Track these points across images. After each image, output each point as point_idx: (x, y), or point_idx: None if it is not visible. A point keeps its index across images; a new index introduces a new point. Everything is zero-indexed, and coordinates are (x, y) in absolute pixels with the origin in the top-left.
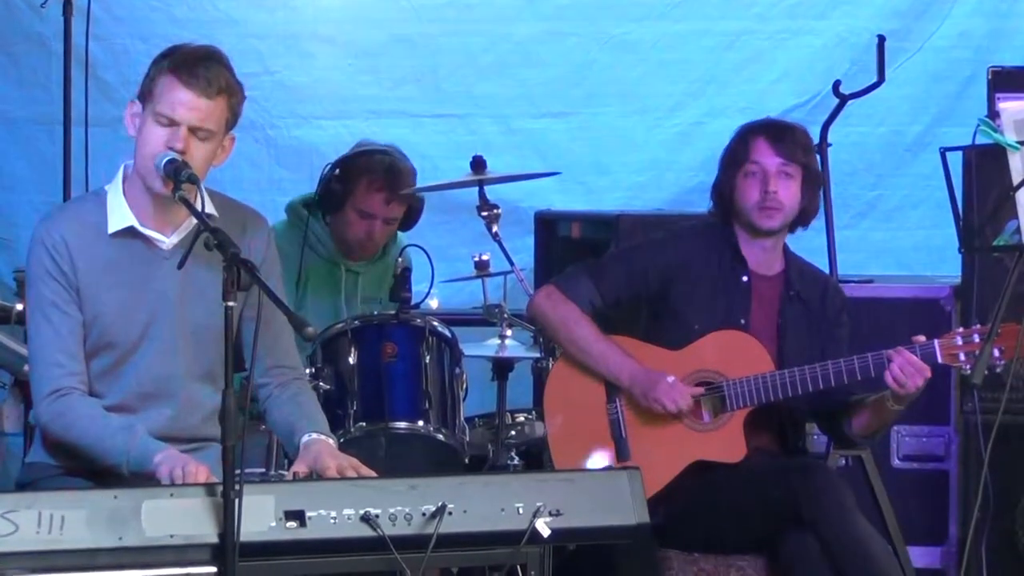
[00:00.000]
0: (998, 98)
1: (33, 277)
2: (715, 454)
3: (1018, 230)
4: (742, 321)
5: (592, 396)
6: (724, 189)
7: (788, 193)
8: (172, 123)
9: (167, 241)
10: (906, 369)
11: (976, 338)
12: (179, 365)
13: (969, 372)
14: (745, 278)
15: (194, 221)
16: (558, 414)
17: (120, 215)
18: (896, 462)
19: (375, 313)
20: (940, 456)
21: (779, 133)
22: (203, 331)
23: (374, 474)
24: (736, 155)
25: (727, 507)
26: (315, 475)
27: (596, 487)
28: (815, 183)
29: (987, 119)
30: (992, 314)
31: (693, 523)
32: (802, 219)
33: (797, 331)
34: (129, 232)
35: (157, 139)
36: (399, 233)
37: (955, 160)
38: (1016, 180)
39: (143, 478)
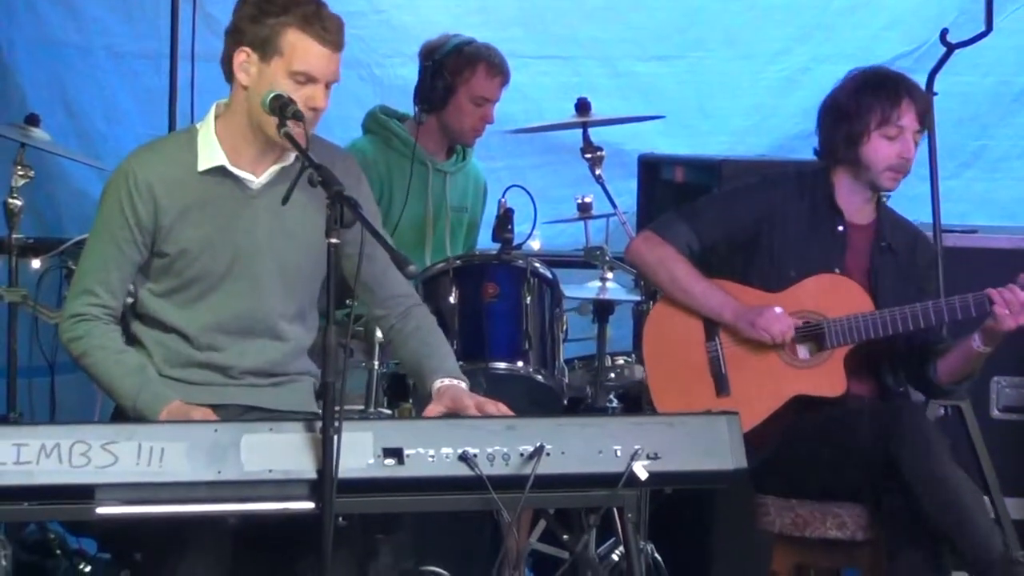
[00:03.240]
0: None
1: (106, 202)
2: (815, 389)
3: None
4: (836, 270)
5: (691, 334)
6: (855, 137)
7: (913, 156)
8: (310, 80)
9: (256, 181)
10: (1013, 305)
11: None
12: (267, 303)
13: None
14: (840, 228)
15: (285, 163)
16: (657, 353)
17: (210, 153)
18: (995, 413)
19: (476, 252)
20: None
21: (919, 96)
22: (293, 270)
23: (511, 412)
24: (881, 110)
25: (821, 454)
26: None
27: (694, 431)
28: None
29: None
30: None
31: (789, 470)
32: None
33: (889, 280)
34: (219, 171)
35: (298, 98)
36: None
37: None
38: None
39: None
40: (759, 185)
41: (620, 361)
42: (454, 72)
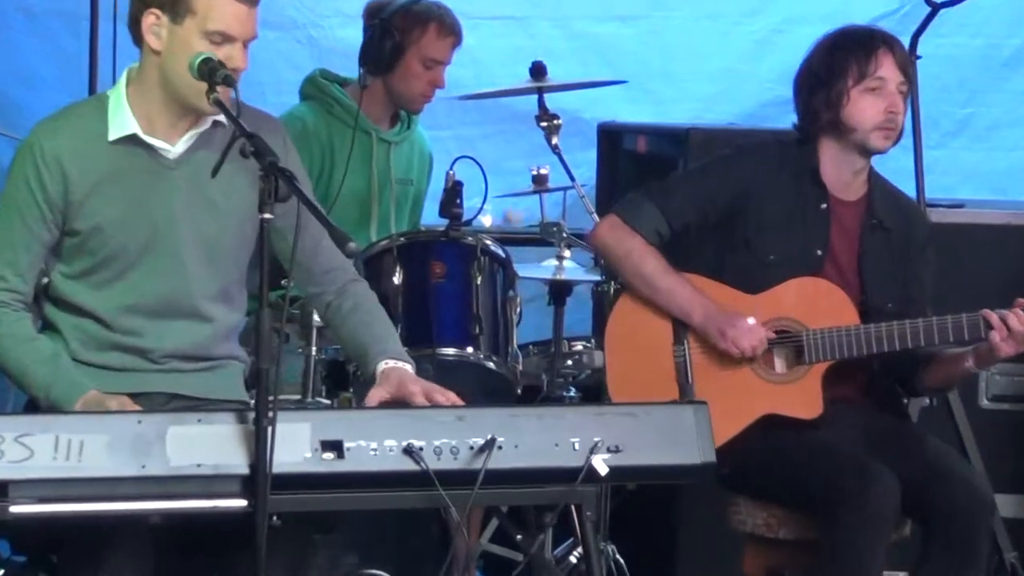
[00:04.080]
0: None
1: (12, 179)
2: (788, 408)
3: None
4: (818, 252)
5: (657, 337)
6: (834, 99)
7: (903, 112)
8: (228, 39)
9: (172, 150)
10: (1017, 334)
11: None
12: (188, 282)
13: None
14: (824, 205)
15: (202, 128)
16: (620, 354)
17: (122, 122)
18: (985, 403)
19: (422, 229)
20: None
21: (897, 45)
22: (216, 246)
23: (461, 402)
24: (856, 65)
25: (789, 476)
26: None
27: (659, 422)
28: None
29: None
30: None
31: (758, 479)
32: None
33: (879, 262)
34: (131, 140)
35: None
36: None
37: None
38: None
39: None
40: (733, 157)
41: (578, 347)
42: (403, 31)
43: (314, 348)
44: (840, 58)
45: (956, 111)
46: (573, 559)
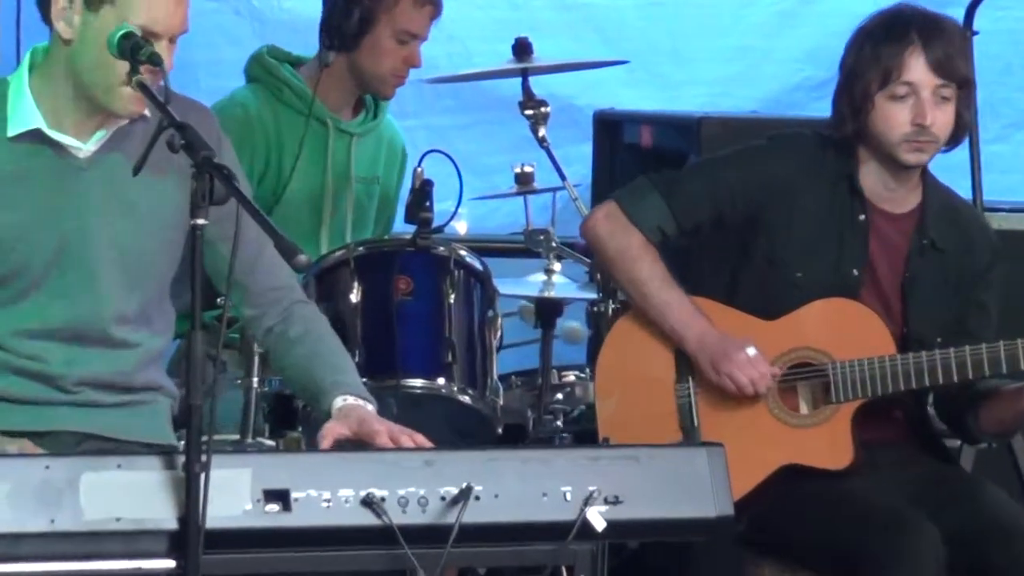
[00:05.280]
0: None
1: None
2: (812, 457)
3: None
4: (855, 272)
5: (659, 369)
6: (858, 104)
7: (944, 121)
8: (151, 35)
9: (84, 148)
10: None
11: None
12: (104, 301)
13: None
14: (863, 216)
15: (120, 123)
16: (612, 390)
17: (23, 115)
18: None
19: (384, 238)
20: None
21: (937, 40)
22: (136, 259)
23: (430, 444)
24: (882, 66)
25: (816, 533)
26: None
27: (666, 468)
28: (971, 94)
29: None
30: None
31: (780, 537)
32: (952, 140)
33: (928, 290)
34: (35, 136)
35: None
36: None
37: None
38: None
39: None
40: (764, 149)
41: (570, 377)
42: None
43: (256, 379)
44: (865, 55)
45: (1020, 97)
46: None
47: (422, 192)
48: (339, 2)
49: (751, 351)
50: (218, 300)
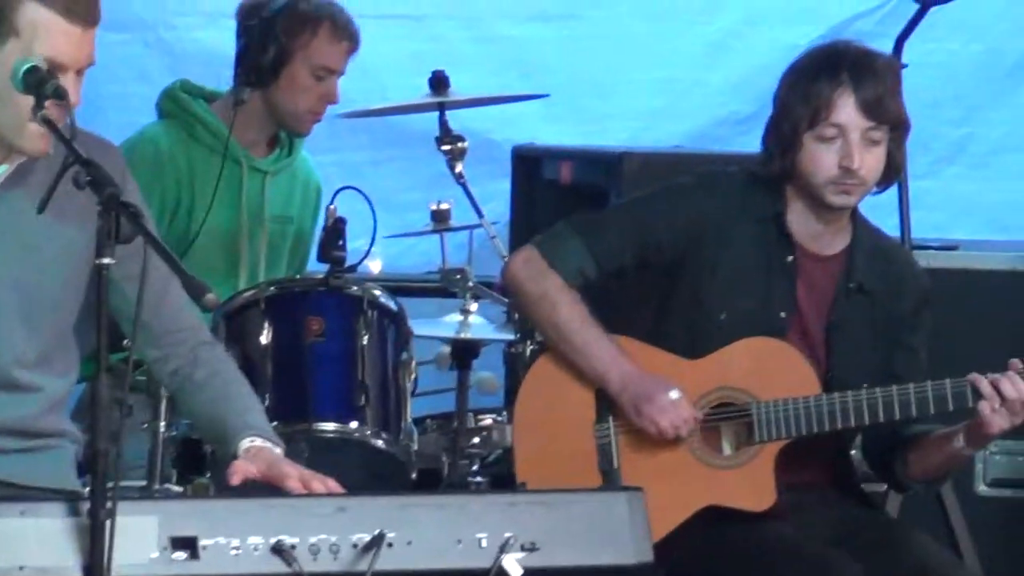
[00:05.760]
0: None
1: None
2: (733, 498)
3: None
4: (781, 314)
5: (577, 410)
6: (787, 142)
7: (873, 164)
8: (57, 68)
9: None
10: (1012, 403)
11: None
12: (3, 343)
13: None
14: (790, 257)
15: (19, 160)
16: (531, 432)
17: None
18: (982, 488)
19: (296, 277)
20: None
21: (868, 81)
22: (37, 300)
23: (342, 489)
24: (811, 105)
25: (757, 563)
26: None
27: (585, 514)
28: (905, 134)
29: None
30: None
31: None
32: (883, 181)
33: (854, 333)
34: None
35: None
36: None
37: None
38: None
39: None
40: (689, 189)
41: (487, 421)
42: (288, 34)
43: (163, 423)
44: (795, 92)
45: (950, 131)
46: None
47: (335, 230)
48: (254, 38)
49: (674, 394)
50: (124, 342)
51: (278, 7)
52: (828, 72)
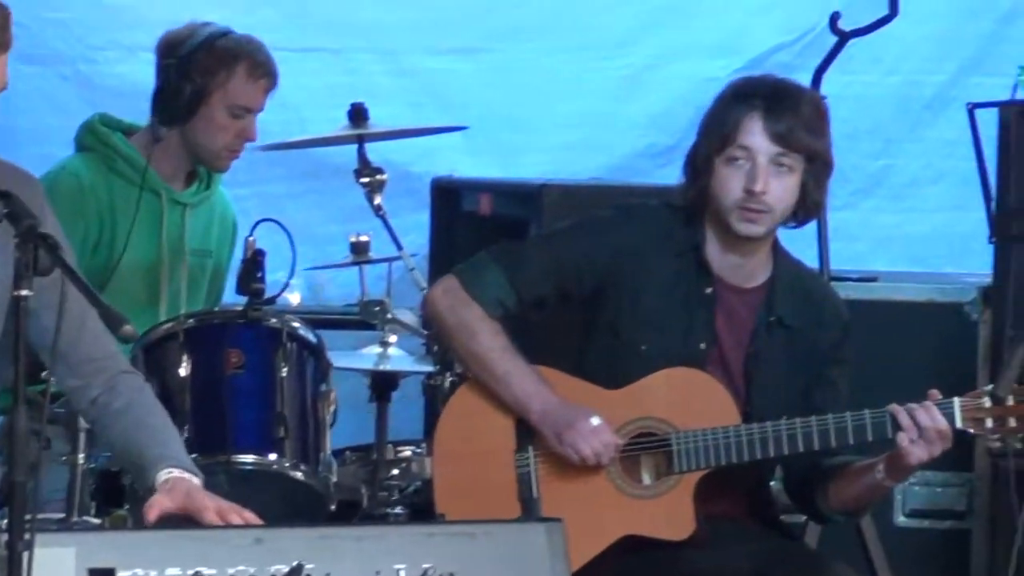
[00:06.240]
0: None
1: None
2: (652, 527)
3: None
4: (701, 346)
5: (497, 440)
6: (700, 167)
7: (781, 191)
8: None
9: None
10: (927, 431)
11: (1011, 401)
12: None
13: (998, 445)
14: (709, 289)
15: None
16: (451, 462)
17: None
18: (901, 519)
19: (215, 309)
20: (960, 512)
21: (781, 107)
22: None
23: (261, 521)
24: (721, 129)
25: None
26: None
27: (504, 545)
28: (825, 171)
29: None
30: None
31: None
32: (800, 216)
33: (773, 366)
34: None
35: None
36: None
37: (988, 120)
38: None
39: None
40: (610, 221)
41: (406, 452)
42: (205, 73)
43: (81, 456)
44: (711, 118)
45: (868, 164)
46: None
47: (254, 262)
48: (172, 75)
49: (595, 421)
50: (43, 374)
51: (195, 45)
52: (742, 98)
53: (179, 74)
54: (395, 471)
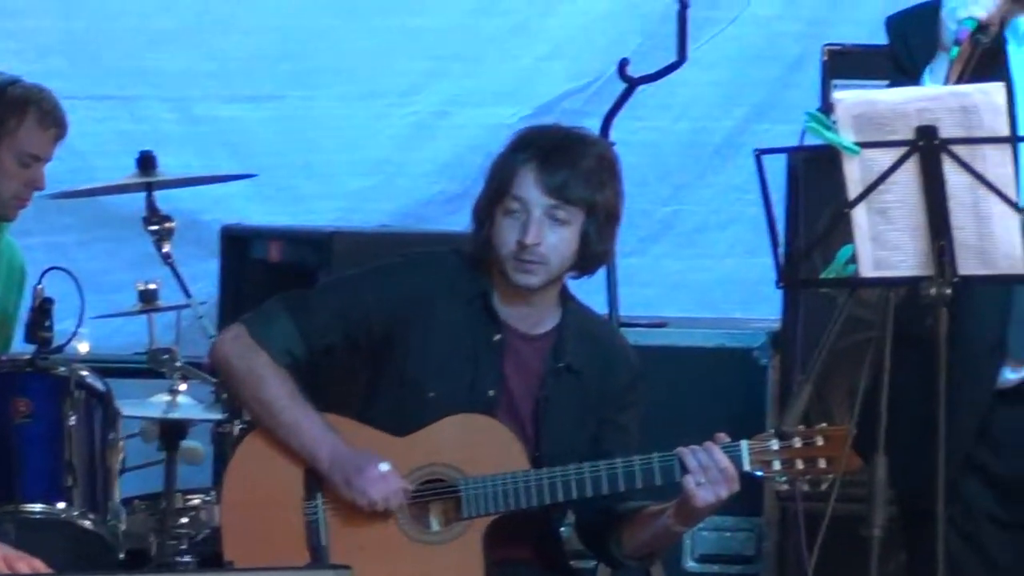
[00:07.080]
0: (834, 86)
1: None
2: (442, 573)
3: (854, 258)
4: (491, 392)
5: (286, 488)
6: (482, 217)
7: (556, 242)
8: None
9: None
10: (709, 471)
11: (798, 443)
12: None
13: (785, 488)
14: (498, 336)
15: None
16: (239, 510)
17: None
18: (690, 564)
19: (2, 358)
20: (749, 556)
21: (558, 158)
22: None
23: (48, 570)
24: (499, 180)
25: None
26: None
27: None
28: (608, 222)
29: (818, 113)
30: (811, 364)
31: None
32: (584, 266)
33: (562, 412)
34: None
35: None
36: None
37: (776, 166)
38: (853, 193)
39: None
40: (398, 269)
41: (195, 501)
42: None
43: None
44: (493, 168)
45: (657, 209)
46: None
47: (42, 311)
48: None
49: (384, 467)
50: None
51: None
52: (520, 149)
53: None
54: (184, 519)
